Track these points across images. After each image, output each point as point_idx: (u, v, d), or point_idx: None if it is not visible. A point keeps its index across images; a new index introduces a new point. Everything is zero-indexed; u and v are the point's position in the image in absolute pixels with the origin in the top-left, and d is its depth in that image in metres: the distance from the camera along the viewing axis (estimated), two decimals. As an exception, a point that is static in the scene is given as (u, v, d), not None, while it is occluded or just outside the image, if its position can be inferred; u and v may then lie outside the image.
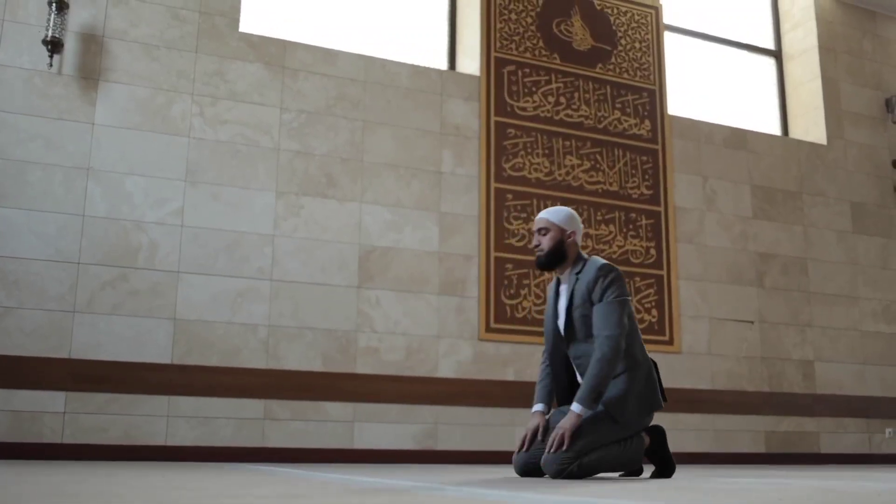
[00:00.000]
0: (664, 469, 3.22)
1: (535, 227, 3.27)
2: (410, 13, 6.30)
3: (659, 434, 3.20)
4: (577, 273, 3.17)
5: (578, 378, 3.19)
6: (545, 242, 3.20)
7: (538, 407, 3.24)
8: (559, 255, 3.20)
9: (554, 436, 2.96)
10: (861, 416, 6.83)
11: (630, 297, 3.10)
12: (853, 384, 6.87)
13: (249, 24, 5.63)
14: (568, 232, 3.20)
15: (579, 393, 3.01)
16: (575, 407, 2.99)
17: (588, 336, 3.10)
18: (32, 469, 3.13)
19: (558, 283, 3.29)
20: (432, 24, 6.38)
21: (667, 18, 7.11)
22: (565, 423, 2.95)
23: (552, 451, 2.92)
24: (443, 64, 6.27)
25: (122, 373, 4.71)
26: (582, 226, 3.27)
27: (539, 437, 3.11)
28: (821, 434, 6.65)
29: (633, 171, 6.35)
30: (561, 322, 3.20)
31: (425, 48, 6.27)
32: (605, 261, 3.16)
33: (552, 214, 3.24)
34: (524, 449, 3.11)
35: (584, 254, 3.25)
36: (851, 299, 7.04)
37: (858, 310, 7.05)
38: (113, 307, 4.77)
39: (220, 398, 4.89)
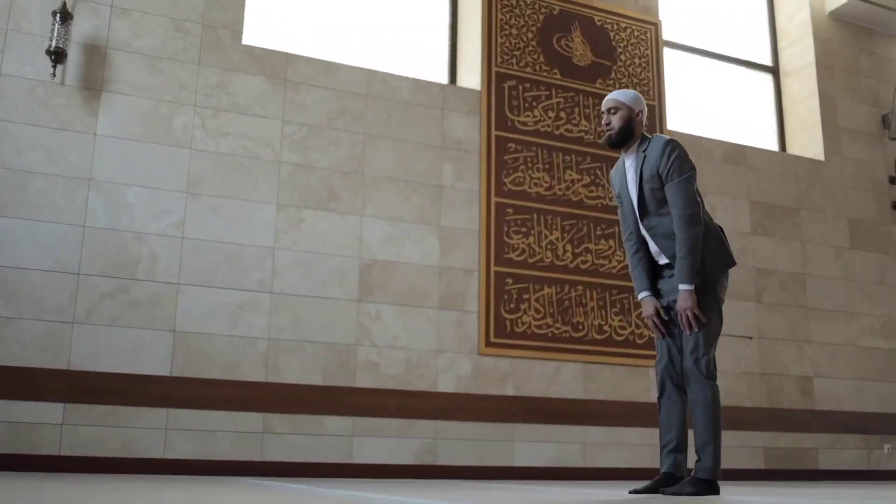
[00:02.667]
0: (687, 487, 3.14)
1: (604, 107, 3.39)
2: (412, 27, 6.33)
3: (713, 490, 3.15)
4: (644, 151, 3.31)
5: (651, 247, 3.35)
6: (615, 121, 3.33)
7: (644, 294, 3.38)
8: (628, 133, 3.33)
9: (683, 319, 3.16)
10: (859, 432, 6.83)
11: (695, 170, 3.28)
12: (851, 400, 6.88)
13: (252, 36, 5.64)
14: (636, 111, 3.34)
15: (678, 274, 3.17)
16: (682, 287, 3.15)
17: (659, 209, 3.26)
18: (30, 482, 3.11)
19: (623, 164, 3.42)
20: (433, 38, 6.40)
21: (666, 35, 7.15)
22: (685, 304, 3.14)
23: (688, 332, 3.16)
24: (444, 78, 6.29)
25: (120, 385, 4.68)
26: (646, 107, 3.43)
27: (663, 317, 3.31)
28: (819, 450, 6.65)
29: (633, 186, 6.36)
30: (633, 196, 3.34)
31: (426, 62, 6.29)
32: (668, 137, 3.32)
33: (620, 94, 3.37)
34: (662, 336, 3.31)
35: (647, 133, 3.39)
36: (849, 315, 7.06)
37: (856, 325, 7.07)
38: (112, 318, 4.75)
39: (218, 411, 4.87)
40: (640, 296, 3.39)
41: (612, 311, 6.04)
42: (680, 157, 3.22)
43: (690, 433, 3.26)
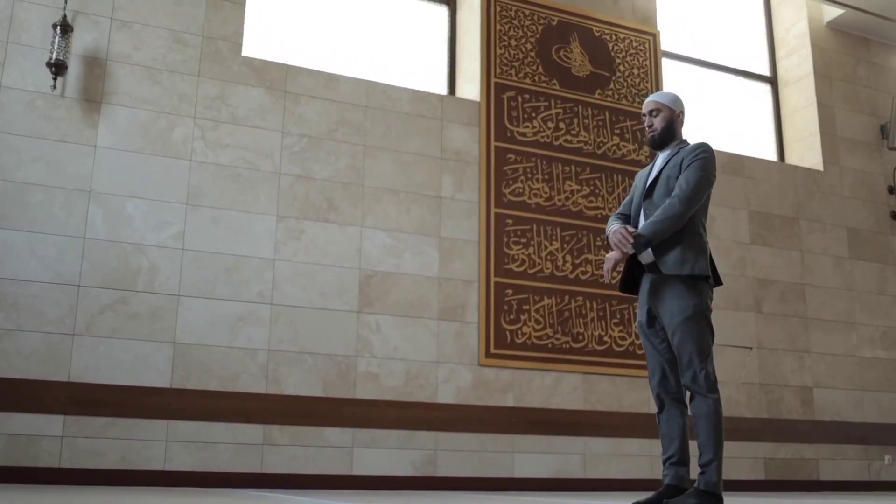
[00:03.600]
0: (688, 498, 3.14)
1: (644, 109, 3.43)
2: (411, 39, 6.35)
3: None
4: (680, 147, 3.35)
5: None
6: (657, 123, 3.38)
7: (616, 226, 3.39)
8: (670, 134, 3.38)
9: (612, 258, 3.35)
10: (860, 443, 6.82)
11: (714, 179, 3.28)
12: (851, 410, 6.87)
13: (252, 48, 5.66)
14: (677, 111, 3.40)
15: (640, 229, 3.21)
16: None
17: (664, 198, 3.25)
18: (30, 494, 3.10)
19: (653, 163, 3.46)
20: (433, 49, 6.42)
21: (664, 45, 7.18)
22: (622, 245, 3.26)
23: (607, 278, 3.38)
24: (443, 89, 6.31)
25: (120, 397, 4.67)
26: (685, 108, 3.46)
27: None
28: (820, 461, 6.64)
29: (632, 197, 6.37)
30: (650, 178, 3.37)
31: (426, 73, 6.31)
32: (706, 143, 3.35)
33: (660, 97, 3.42)
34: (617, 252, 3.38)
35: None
36: (849, 325, 7.06)
37: (856, 336, 7.07)
38: (112, 330, 4.75)
39: (218, 423, 4.86)
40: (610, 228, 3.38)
41: (612, 321, 6.04)
42: (706, 159, 3.25)
43: (692, 444, 3.25)
